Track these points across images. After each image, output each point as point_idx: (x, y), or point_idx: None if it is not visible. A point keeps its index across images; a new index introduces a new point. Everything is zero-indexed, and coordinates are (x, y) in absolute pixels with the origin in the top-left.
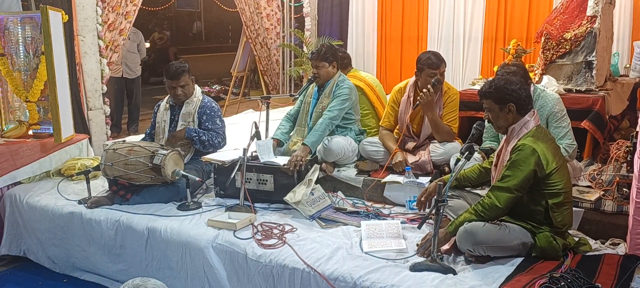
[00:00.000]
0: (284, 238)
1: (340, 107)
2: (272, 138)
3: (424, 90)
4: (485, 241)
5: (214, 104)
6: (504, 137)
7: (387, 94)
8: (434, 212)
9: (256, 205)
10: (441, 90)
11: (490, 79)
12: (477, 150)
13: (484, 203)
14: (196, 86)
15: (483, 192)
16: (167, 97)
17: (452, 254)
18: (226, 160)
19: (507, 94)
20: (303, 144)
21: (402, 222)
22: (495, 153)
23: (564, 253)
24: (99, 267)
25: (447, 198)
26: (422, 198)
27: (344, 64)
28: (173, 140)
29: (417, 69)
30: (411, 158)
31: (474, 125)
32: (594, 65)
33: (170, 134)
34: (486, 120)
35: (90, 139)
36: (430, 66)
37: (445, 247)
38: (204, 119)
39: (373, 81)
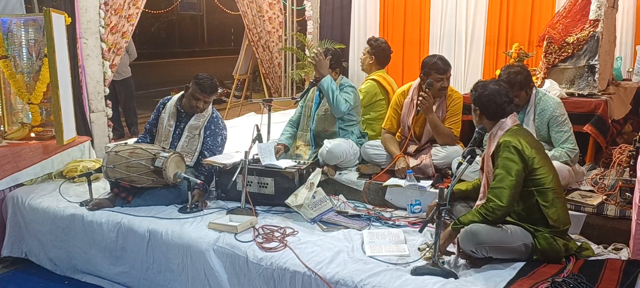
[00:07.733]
0: (285, 242)
1: (348, 100)
2: (279, 143)
3: (421, 93)
4: (488, 241)
5: (221, 121)
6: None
7: None
8: (435, 216)
9: (257, 208)
10: (445, 94)
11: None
12: (479, 154)
13: (488, 206)
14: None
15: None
16: (176, 98)
17: (453, 256)
18: (228, 163)
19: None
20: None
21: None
22: (480, 158)
23: (566, 257)
24: (100, 269)
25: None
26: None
27: (385, 58)
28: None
29: (423, 72)
30: (413, 162)
31: (476, 129)
32: (597, 69)
33: (202, 200)
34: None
35: (92, 141)
36: (438, 71)
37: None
38: (207, 133)
39: (396, 87)
